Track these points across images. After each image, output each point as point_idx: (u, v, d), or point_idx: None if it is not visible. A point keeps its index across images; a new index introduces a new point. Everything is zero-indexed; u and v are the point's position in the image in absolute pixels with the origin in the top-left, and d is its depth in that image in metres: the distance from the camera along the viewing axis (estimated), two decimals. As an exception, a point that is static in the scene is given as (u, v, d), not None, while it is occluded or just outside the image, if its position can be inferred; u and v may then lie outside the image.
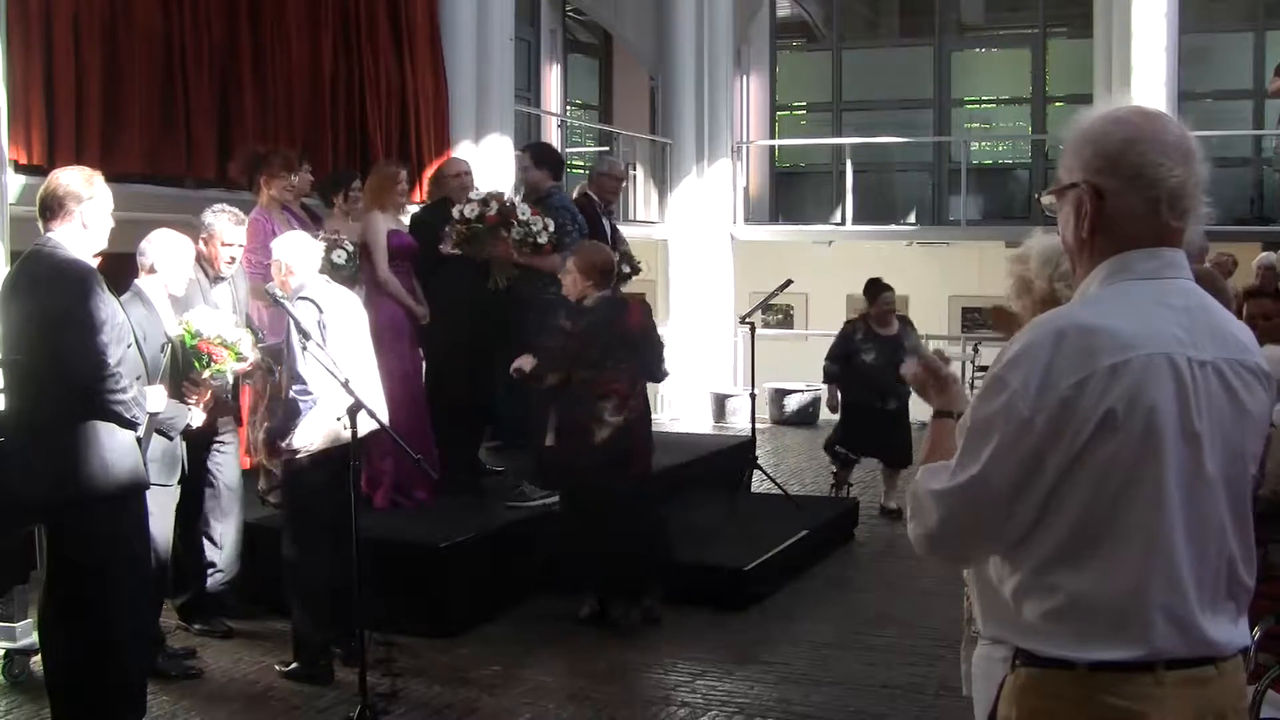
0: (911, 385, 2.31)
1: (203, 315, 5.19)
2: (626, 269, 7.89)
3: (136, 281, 5.15)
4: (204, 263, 5.76)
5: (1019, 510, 1.98)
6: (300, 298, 5.21)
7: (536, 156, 7.42)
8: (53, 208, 4.32)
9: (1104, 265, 2.06)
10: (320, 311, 5.20)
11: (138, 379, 4.43)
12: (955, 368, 2.36)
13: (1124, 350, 1.94)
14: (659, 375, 6.73)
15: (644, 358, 6.35)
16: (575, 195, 8.38)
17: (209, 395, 5.21)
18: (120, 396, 4.27)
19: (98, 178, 4.41)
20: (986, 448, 1.97)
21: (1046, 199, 2.15)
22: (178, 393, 5.07)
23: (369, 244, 6.78)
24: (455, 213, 6.88)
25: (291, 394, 5.30)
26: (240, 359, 5.21)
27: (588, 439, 6.10)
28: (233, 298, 5.91)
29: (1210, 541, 2.00)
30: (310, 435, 5.23)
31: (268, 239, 6.40)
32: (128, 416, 4.32)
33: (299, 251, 5.43)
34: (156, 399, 4.73)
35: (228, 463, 5.94)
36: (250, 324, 5.83)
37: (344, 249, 6.60)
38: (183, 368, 5.13)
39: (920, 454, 2.18)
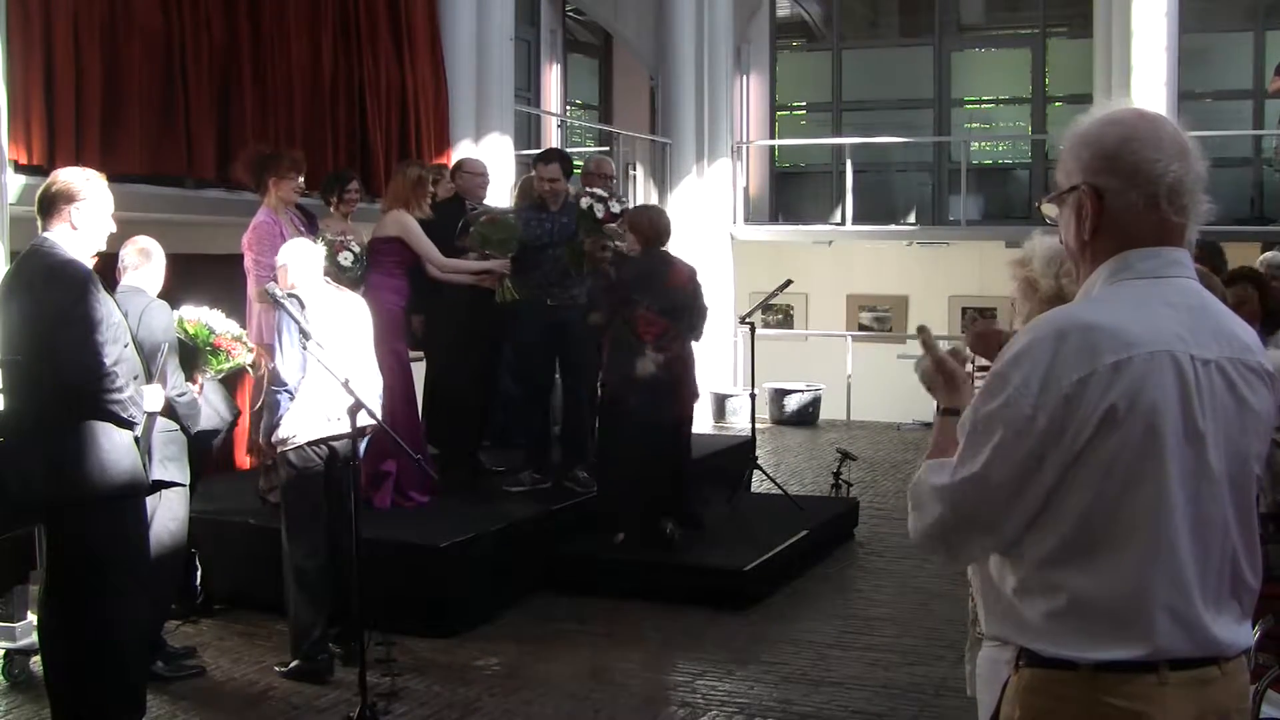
0: (921, 381, 2.30)
1: (202, 312, 5.23)
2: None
3: (129, 279, 5.13)
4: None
5: (1019, 508, 1.99)
6: (289, 295, 5.23)
7: (564, 166, 7.52)
8: (47, 208, 4.32)
9: (1106, 265, 2.06)
10: (302, 309, 5.21)
11: (135, 378, 4.43)
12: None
13: (1126, 348, 1.94)
14: (697, 334, 7.27)
15: (681, 313, 7.06)
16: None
17: (202, 387, 5.29)
18: (117, 396, 4.26)
19: (96, 179, 4.40)
20: (988, 445, 1.98)
21: (1048, 208, 2.15)
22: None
23: (410, 242, 6.78)
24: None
25: (270, 389, 5.38)
26: (250, 350, 5.33)
27: (631, 372, 6.87)
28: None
29: (1214, 541, 2.00)
30: (293, 428, 5.30)
31: (276, 241, 6.41)
32: (125, 416, 4.31)
33: (299, 256, 5.48)
34: (154, 398, 4.73)
35: None
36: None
37: (351, 250, 6.60)
38: (186, 362, 5.18)
39: (926, 451, 2.18)
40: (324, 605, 5.39)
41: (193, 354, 5.25)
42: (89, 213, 4.33)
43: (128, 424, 4.34)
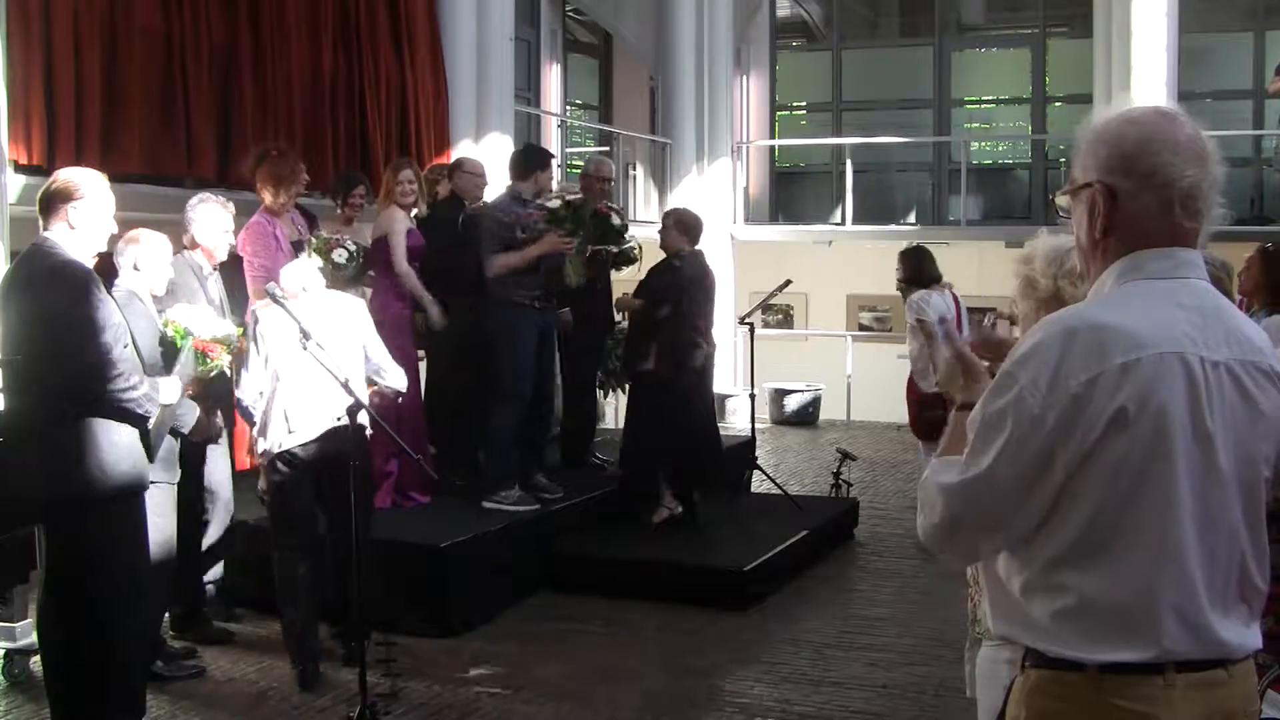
0: (940, 376, 2.29)
1: (186, 313, 5.17)
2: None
3: (122, 281, 5.10)
4: (201, 253, 5.76)
5: (1027, 507, 1.98)
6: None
7: None
8: (46, 207, 4.32)
9: (1117, 265, 2.05)
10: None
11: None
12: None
13: (1136, 349, 1.93)
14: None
15: (711, 310, 7.80)
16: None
17: (198, 391, 5.25)
18: (131, 394, 4.28)
19: (97, 180, 4.38)
20: (996, 444, 1.97)
21: (1062, 199, 2.14)
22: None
23: (388, 239, 6.78)
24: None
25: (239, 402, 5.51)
26: (233, 351, 5.29)
27: (686, 361, 7.44)
28: (221, 288, 5.89)
29: (1222, 543, 1.99)
30: (263, 443, 5.38)
31: (269, 241, 6.41)
32: (139, 412, 4.32)
33: (289, 275, 5.51)
34: (170, 390, 4.73)
35: (218, 463, 5.93)
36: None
37: (345, 249, 6.59)
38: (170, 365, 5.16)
39: (939, 447, 2.17)
40: (303, 610, 5.39)
41: (174, 356, 5.22)
42: (87, 212, 4.31)
43: (140, 419, 4.34)
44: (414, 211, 7.11)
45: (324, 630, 5.64)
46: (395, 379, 5.63)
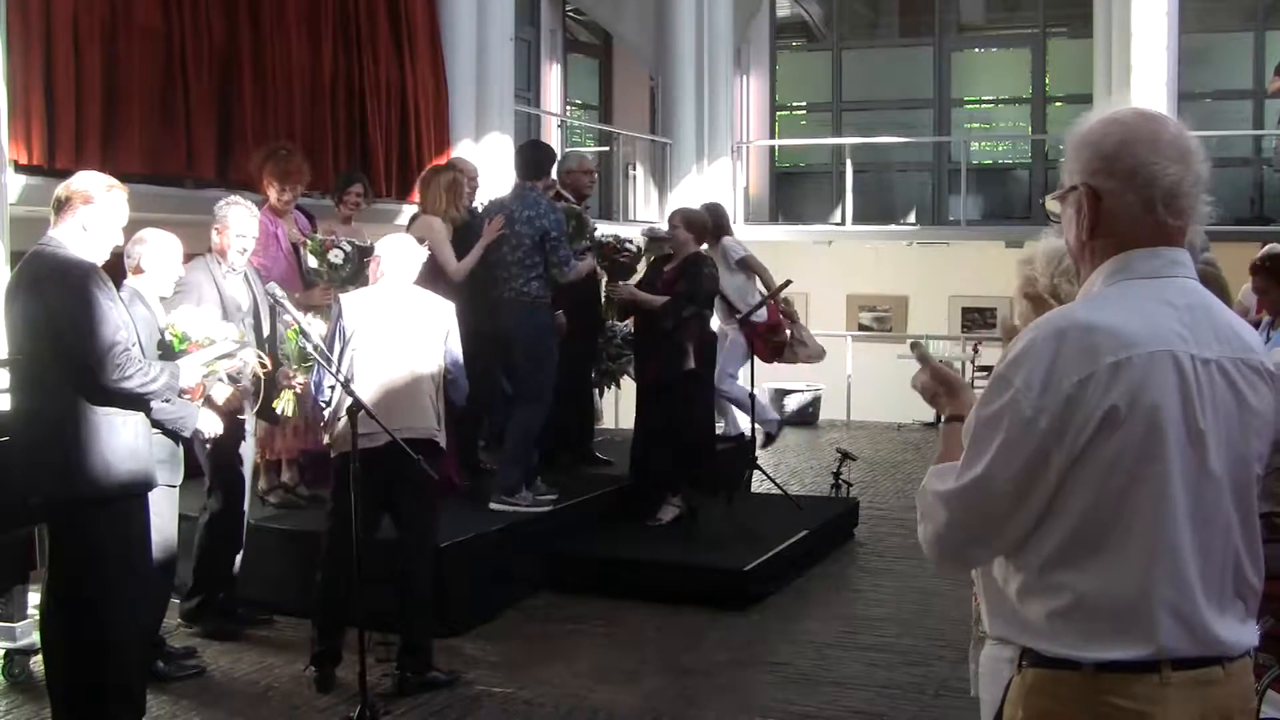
0: (921, 394, 2.29)
1: (187, 316, 5.15)
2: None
3: (128, 281, 5.11)
4: (218, 255, 5.74)
5: (1024, 509, 1.98)
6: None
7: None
8: (62, 205, 4.33)
9: (1106, 265, 2.06)
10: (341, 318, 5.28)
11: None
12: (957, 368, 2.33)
13: (1126, 348, 1.94)
14: None
15: None
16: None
17: (200, 394, 5.20)
18: (152, 386, 4.35)
19: (118, 191, 4.41)
20: (991, 447, 1.97)
21: (1051, 203, 2.15)
22: None
23: (434, 247, 6.70)
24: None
25: None
26: (228, 356, 5.22)
27: (714, 354, 7.98)
28: (250, 292, 5.82)
29: (1216, 540, 2.00)
30: (339, 438, 5.34)
31: (269, 241, 6.42)
32: (154, 390, 4.38)
33: (394, 250, 5.48)
34: (190, 372, 4.73)
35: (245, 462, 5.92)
36: (272, 318, 5.82)
37: (341, 249, 6.59)
38: None
39: (934, 458, 2.17)
40: (327, 611, 5.36)
41: (171, 359, 5.20)
42: (103, 218, 4.33)
43: (144, 405, 4.38)
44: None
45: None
46: (456, 390, 5.55)
